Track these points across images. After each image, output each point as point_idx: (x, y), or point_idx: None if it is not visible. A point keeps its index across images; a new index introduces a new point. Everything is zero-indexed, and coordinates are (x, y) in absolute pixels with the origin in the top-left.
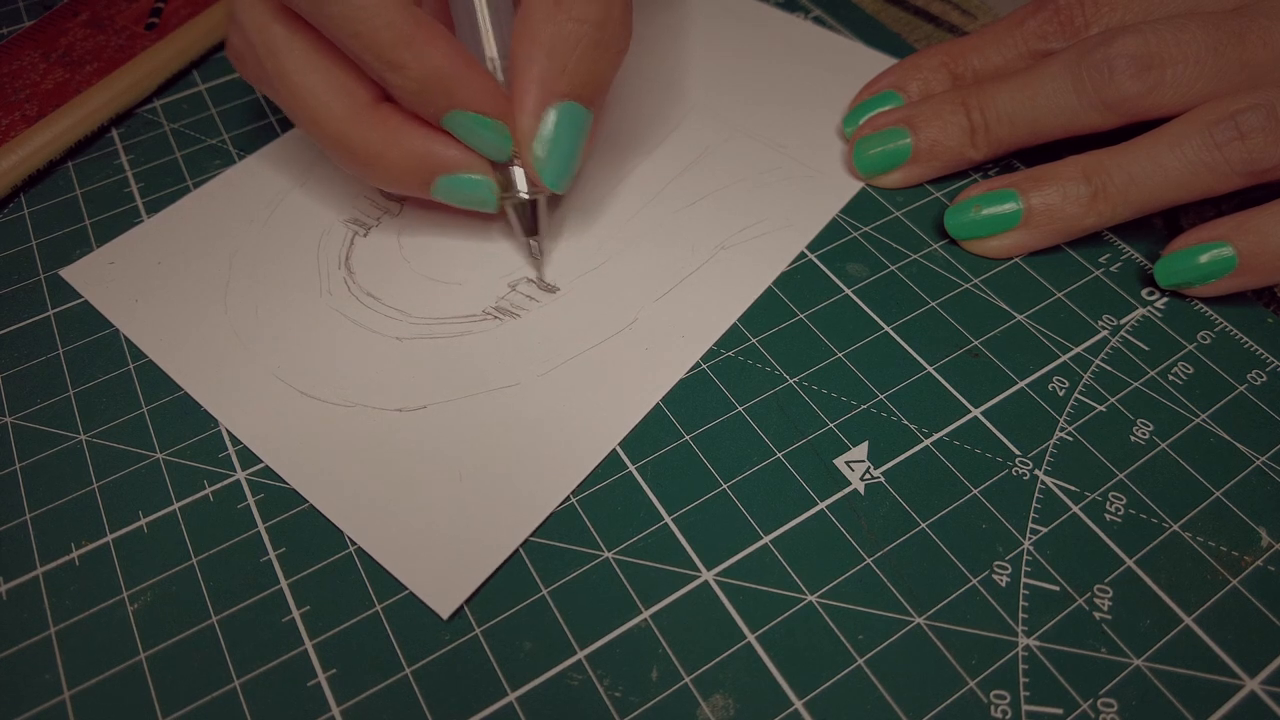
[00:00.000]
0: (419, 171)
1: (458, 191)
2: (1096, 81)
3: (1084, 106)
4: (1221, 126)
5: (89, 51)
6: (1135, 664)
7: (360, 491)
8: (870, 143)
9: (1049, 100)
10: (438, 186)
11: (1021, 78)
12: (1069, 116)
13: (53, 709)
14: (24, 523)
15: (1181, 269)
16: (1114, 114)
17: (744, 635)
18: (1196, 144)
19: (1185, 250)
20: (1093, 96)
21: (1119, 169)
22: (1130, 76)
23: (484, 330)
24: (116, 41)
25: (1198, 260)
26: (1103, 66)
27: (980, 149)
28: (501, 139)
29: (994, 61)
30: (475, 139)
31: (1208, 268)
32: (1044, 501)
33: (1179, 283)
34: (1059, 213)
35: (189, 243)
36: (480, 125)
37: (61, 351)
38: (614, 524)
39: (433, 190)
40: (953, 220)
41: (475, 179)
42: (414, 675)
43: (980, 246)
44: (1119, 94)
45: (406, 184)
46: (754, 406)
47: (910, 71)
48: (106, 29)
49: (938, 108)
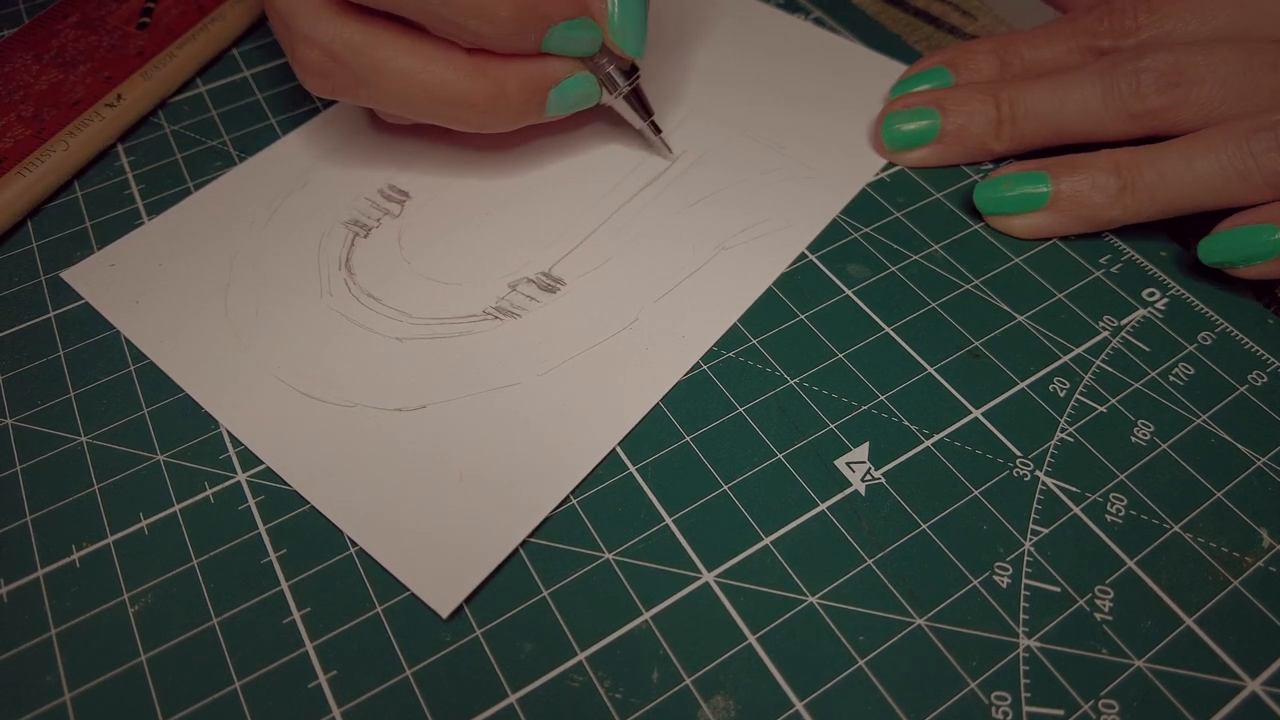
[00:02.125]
0: (536, 94)
1: (569, 95)
2: (1124, 92)
3: (1109, 114)
4: (1260, 136)
5: (81, 52)
6: (1136, 665)
7: (360, 492)
8: (899, 118)
9: (1076, 104)
10: (550, 101)
11: (1054, 78)
12: (1093, 122)
13: (53, 711)
14: (24, 524)
15: (1230, 247)
16: (1136, 125)
17: (745, 636)
18: (1232, 151)
19: (1240, 229)
20: (1118, 105)
21: (1150, 166)
22: (1156, 91)
23: (484, 330)
24: (109, 41)
25: (1261, 239)
26: (1131, 78)
27: (1003, 141)
28: (593, 31)
29: (1044, 54)
30: (572, 42)
31: (1263, 248)
32: (1045, 502)
33: (1223, 260)
34: (1085, 200)
35: (190, 244)
36: (574, 28)
37: (62, 353)
38: (614, 525)
39: (547, 108)
40: (982, 194)
41: (580, 77)
42: (415, 677)
43: (1005, 224)
44: (1143, 106)
45: (528, 111)
46: (754, 407)
47: (964, 54)
48: (98, 29)
49: (969, 95)
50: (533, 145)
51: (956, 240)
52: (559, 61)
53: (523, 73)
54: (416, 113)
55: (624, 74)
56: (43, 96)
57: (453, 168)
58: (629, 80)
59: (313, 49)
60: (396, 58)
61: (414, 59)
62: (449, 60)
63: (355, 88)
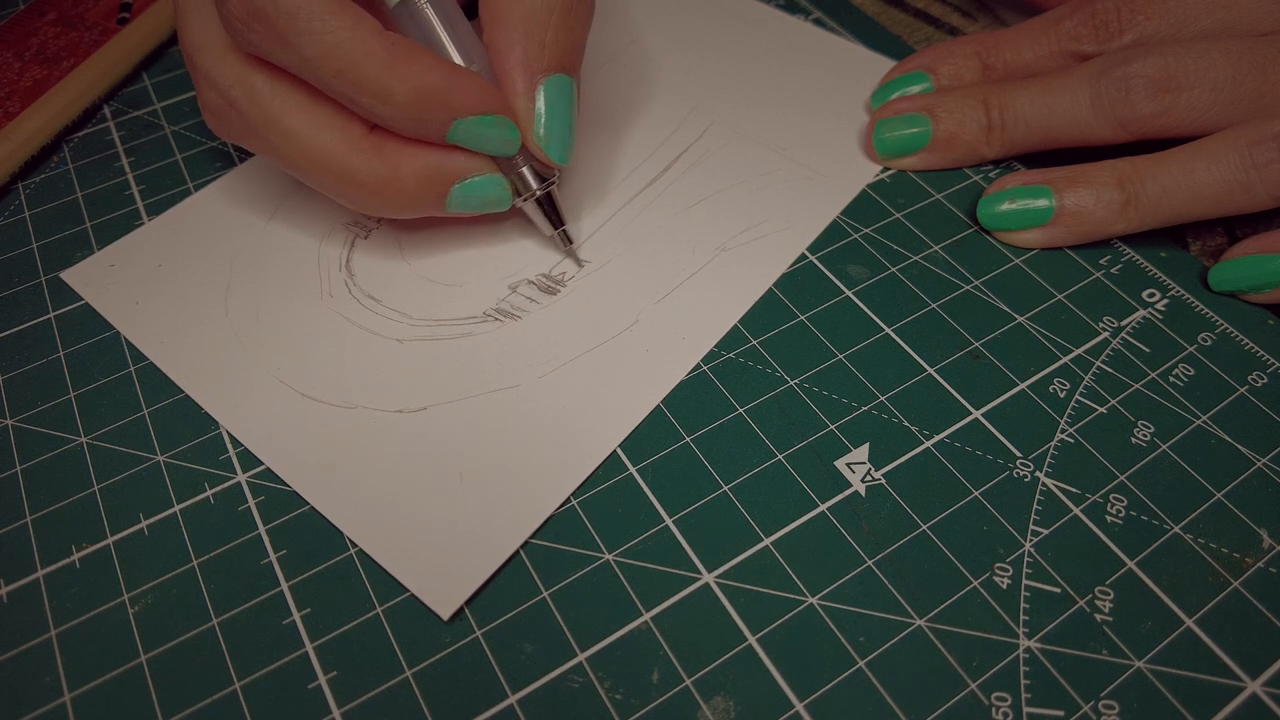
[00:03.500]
0: (432, 187)
1: (473, 196)
2: (1113, 98)
3: (1098, 120)
4: (1262, 148)
5: (63, 49)
6: (1136, 666)
7: (360, 493)
8: (891, 125)
9: (1066, 110)
10: (452, 198)
11: (1043, 84)
12: (1083, 128)
13: (53, 711)
14: (24, 525)
15: (1240, 276)
16: (1126, 131)
17: (745, 637)
18: (1234, 163)
19: (1249, 259)
20: (1108, 112)
21: (1153, 180)
22: (1146, 97)
23: (485, 332)
24: (90, 37)
25: (1271, 268)
26: (1121, 84)
27: (994, 147)
28: (508, 131)
29: (1025, 57)
30: (482, 140)
31: (1273, 277)
32: (1045, 503)
33: (1234, 289)
34: (1089, 216)
35: (190, 245)
36: (485, 125)
37: (62, 354)
38: (615, 526)
39: (448, 203)
40: (985, 210)
41: (488, 179)
42: (415, 677)
43: (1008, 237)
44: (1133, 113)
45: (422, 202)
46: (755, 408)
47: (943, 56)
48: (77, 26)
49: (960, 102)
50: None
51: (956, 241)
52: (466, 156)
53: (422, 161)
54: (304, 178)
55: (539, 177)
56: (28, 92)
57: None
58: (544, 185)
59: (212, 89)
60: (290, 115)
61: (307, 122)
62: (344, 131)
63: (248, 137)
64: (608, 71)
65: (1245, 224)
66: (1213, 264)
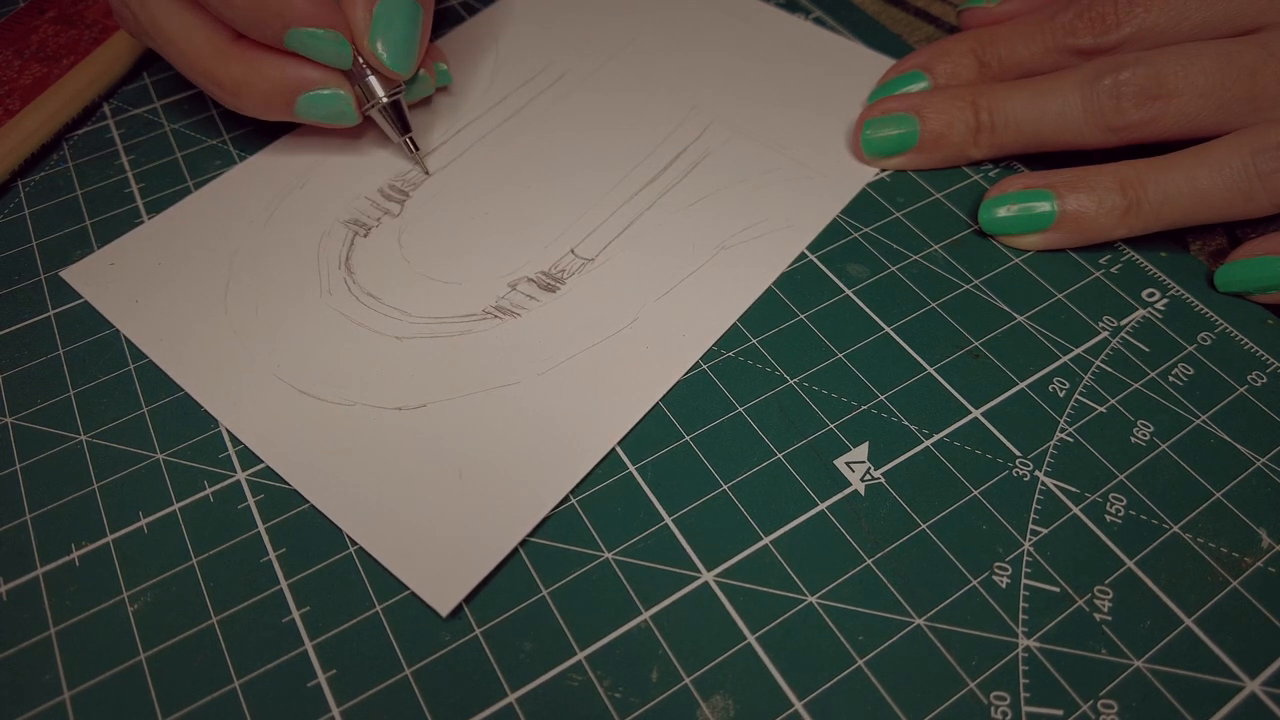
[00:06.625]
0: (281, 94)
1: (317, 107)
2: (1103, 104)
3: (1088, 126)
4: (1265, 156)
5: (63, 46)
6: (1135, 665)
7: (360, 490)
8: (878, 125)
9: (1056, 114)
10: (299, 106)
11: (1034, 86)
12: (1072, 133)
13: (52, 709)
14: (24, 523)
15: (1248, 278)
16: (1116, 137)
17: (744, 636)
18: (1238, 170)
19: (1255, 260)
20: (1097, 118)
21: (1156, 186)
22: (1135, 105)
23: (484, 329)
24: (90, 35)
25: (1276, 269)
26: (1111, 91)
27: (982, 148)
28: (338, 45)
29: (1021, 54)
30: (317, 51)
31: (1279, 278)
32: (1044, 502)
33: (1240, 290)
34: (1091, 221)
35: (189, 243)
36: (316, 38)
37: (62, 352)
38: (614, 524)
39: (295, 110)
40: (986, 215)
41: (330, 93)
42: (414, 676)
43: (1010, 241)
44: (1123, 120)
45: (272, 107)
46: (754, 407)
47: (939, 55)
48: (77, 24)
49: (948, 102)
50: (532, 145)
51: (956, 240)
52: (315, 69)
53: (276, 69)
54: (187, 76)
55: (389, 86)
56: (28, 90)
57: (453, 167)
58: (392, 93)
59: None
60: (168, 18)
61: (181, 25)
62: (210, 35)
63: (142, 35)
64: (608, 70)
65: (1246, 225)
66: (1213, 264)
